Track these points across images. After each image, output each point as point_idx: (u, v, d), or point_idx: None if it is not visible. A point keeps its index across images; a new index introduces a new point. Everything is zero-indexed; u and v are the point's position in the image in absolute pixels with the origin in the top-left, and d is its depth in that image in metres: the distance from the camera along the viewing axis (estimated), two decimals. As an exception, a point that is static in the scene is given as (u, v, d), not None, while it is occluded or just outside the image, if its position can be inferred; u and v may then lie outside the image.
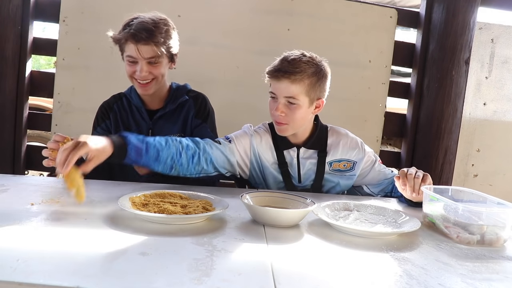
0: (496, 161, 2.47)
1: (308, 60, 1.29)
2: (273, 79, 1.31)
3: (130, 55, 1.38)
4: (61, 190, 1.13)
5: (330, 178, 1.41)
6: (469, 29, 2.19)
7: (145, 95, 1.47)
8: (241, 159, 1.37)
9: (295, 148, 1.39)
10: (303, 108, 1.30)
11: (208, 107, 1.56)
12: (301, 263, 0.77)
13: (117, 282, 0.61)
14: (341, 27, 2.26)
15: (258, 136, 1.40)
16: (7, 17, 2.03)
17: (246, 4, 2.21)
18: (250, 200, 1.04)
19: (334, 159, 1.40)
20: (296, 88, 1.27)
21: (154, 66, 1.40)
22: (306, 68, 1.27)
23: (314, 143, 1.40)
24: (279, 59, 1.32)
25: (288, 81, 1.27)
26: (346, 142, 1.42)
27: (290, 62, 1.28)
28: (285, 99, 1.29)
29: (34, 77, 2.19)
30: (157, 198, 1.03)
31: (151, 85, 1.42)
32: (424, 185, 1.17)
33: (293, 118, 1.30)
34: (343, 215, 1.07)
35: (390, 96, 2.35)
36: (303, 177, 1.40)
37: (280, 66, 1.29)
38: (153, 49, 1.36)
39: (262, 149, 1.39)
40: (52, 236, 0.78)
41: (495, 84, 2.43)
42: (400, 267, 0.78)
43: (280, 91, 1.29)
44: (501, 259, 0.89)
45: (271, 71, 1.31)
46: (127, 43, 1.38)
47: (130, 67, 1.40)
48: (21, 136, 2.17)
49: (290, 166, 1.39)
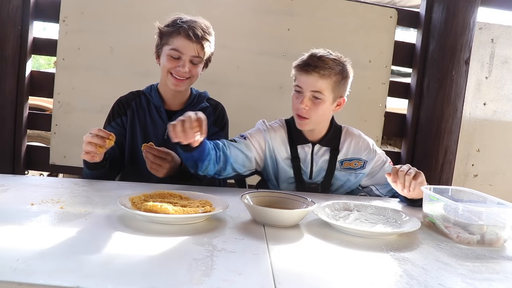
0: (496, 161, 2.47)
1: (335, 58, 1.35)
2: (301, 73, 1.34)
3: (178, 48, 1.39)
4: (61, 190, 1.13)
5: (339, 176, 1.44)
6: (469, 29, 2.19)
7: (175, 92, 1.47)
8: (257, 154, 1.41)
9: (310, 144, 1.42)
10: (326, 104, 1.34)
11: (226, 117, 1.59)
12: (301, 263, 0.76)
13: (117, 282, 0.61)
14: (341, 27, 2.26)
15: (272, 131, 1.44)
16: (7, 17, 2.04)
17: (246, 4, 2.21)
18: (250, 200, 1.04)
19: (345, 157, 1.43)
20: (323, 83, 1.32)
21: (194, 65, 1.43)
22: (333, 66, 1.32)
23: (328, 141, 1.43)
24: (307, 54, 1.37)
25: (317, 75, 1.31)
26: (358, 142, 1.45)
27: (320, 58, 1.33)
28: (311, 93, 1.33)
29: (34, 77, 2.19)
30: (157, 198, 1.03)
31: (185, 83, 1.44)
32: (415, 182, 1.18)
33: (316, 113, 1.34)
34: (343, 215, 1.07)
35: (390, 96, 2.36)
36: (315, 174, 1.43)
37: (310, 61, 1.33)
38: (201, 49, 1.41)
39: (276, 144, 1.42)
40: (52, 236, 0.78)
41: (495, 84, 2.43)
42: (400, 267, 0.78)
43: (307, 85, 1.33)
44: (501, 259, 0.89)
45: (300, 65, 1.35)
46: (177, 37, 1.39)
47: (171, 62, 1.41)
48: (21, 136, 2.17)
49: (303, 161, 1.42)
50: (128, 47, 2.14)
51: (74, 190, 1.14)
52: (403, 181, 1.19)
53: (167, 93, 1.50)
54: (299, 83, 1.35)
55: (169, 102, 1.52)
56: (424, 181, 1.20)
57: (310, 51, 1.37)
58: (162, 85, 1.51)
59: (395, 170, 1.21)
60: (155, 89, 1.52)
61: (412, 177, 1.18)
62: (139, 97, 1.53)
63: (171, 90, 1.46)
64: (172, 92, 1.48)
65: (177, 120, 1.10)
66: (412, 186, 1.18)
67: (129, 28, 2.12)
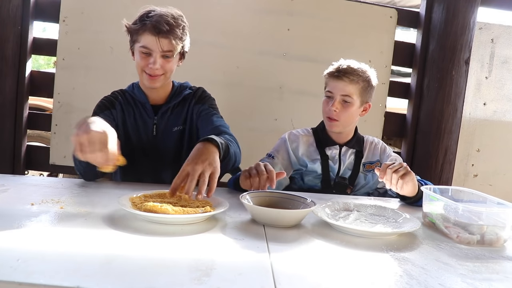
0: (496, 161, 2.47)
1: (362, 67, 1.49)
2: (333, 79, 1.48)
3: (146, 46, 1.36)
4: (61, 190, 1.13)
5: (362, 177, 1.54)
6: (469, 29, 2.19)
7: (152, 89, 1.45)
8: (284, 167, 1.50)
9: (337, 146, 1.54)
10: (354, 107, 1.48)
11: (206, 94, 1.55)
12: (301, 263, 0.76)
13: (117, 282, 0.61)
14: (341, 27, 2.26)
15: (295, 140, 1.55)
16: (7, 17, 2.04)
17: (246, 4, 2.21)
18: (250, 200, 1.04)
19: (367, 160, 1.55)
20: (352, 88, 1.46)
21: (166, 60, 1.39)
22: (361, 73, 1.47)
23: (354, 144, 1.56)
24: (336, 63, 1.51)
25: (348, 80, 1.45)
26: (377, 147, 1.59)
27: (349, 65, 1.48)
28: (341, 97, 1.46)
29: (34, 77, 2.19)
30: (157, 198, 1.03)
31: (159, 79, 1.41)
32: (402, 181, 1.18)
33: (345, 115, 1.47)
34: (343, 215, 1.07)
35: (390, 96, 2.36)
36: (342, 173, 1.53)
37: (341, 68, 1.47)
38: (171, 43, 1.36)
39: (301, 150, 1.52)
40: (52, 236, 0.78)
41: (495, 84, 2.43)
42: (400, 267, 0.78)
43: (338, 89, 1.46)
44: (501, 259, 0.89)
45: (331, 72, 1.49)
46: (144, 34, 1.35)
47: (143, 60, 1.38)
48: (21, 136, 2.17)
49: (331, 159, 1.53)
50: (128, 47, 2.13)
51: (74, 190, 1.14)
52: (390, 178, 1.20)
53: (148, 90, 1.47)
54: (330, 88, 1.49)
55: (152, 98, 1.49)
56: (412, 181, 1.20)
57: (340, 60, 1.51)
58: (141, 83, 1.49)
59: (385, 167, 1.22)
60: (137, 86, 1.49)
61: (400, 176, 1.18)
62: (124, 95, 1.50)
63: (147, 87, 1.44)
64: (150, 89, 1.46)
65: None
66: (399, 185, 1.19)
67: (129, 28, 2.12)
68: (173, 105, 1.48)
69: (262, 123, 2.27)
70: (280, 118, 2.28)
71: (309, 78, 2.25)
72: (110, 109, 1.45)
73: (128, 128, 1.46)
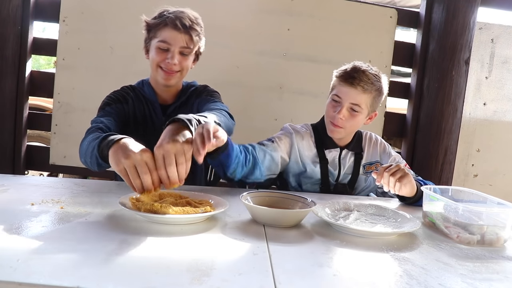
0: (496, 161, 2.47)
1: (375, 74, 1.39)
2: (344, 84, 1.37)
3: (166, 40, 1.35)
4: (61, 190, 1.13)
5: (362, 179, 1.50)
6: (469, 29, 2.19)
7: (164, 86, 1.44)
8: (283, 156, 1.43)
9: (338, 148, 1.48)
10: (361, 117, 1.41)
11: (208, 88, 1.55)
12: (301, 263, 0.76)
13: (117, 282, 0.61)
14: (341, 27, 2.26)
15: (299, 134, 1.47)
16: (7, 17, 2.04)
17: (246, 4, 2.21)
18: (250, 200, 1.04)
19: (366, 161, 1.50)
20: (364, 97, 1.37)
21: (184, 57, 1.39)
22: (375, 81, 1.38)
23: (354, 146, 1.50)
24: (349, 66, 1.40)
25: (361, 89, 1.36)
26: (376, 145, 1.53)
27: (364, 72, 1.36)
28: (350, 105, 1.38)
29: (34, 77, 2.19)
30: (157, 198, 1.02)
31: (175, 76, 1.40)
32: (399, 184, 1.18)
33: (351, 124, 1.40)
34: (343, 215, 1.07)
35: (390, 96, 2.35)
36: (341, 177, 1.48)
37: (355, 74, 1.36)
38: (190, 39, 1.36)
39: (303, 146, 1.46)
40: (52, 236, 0.78)
41: (495, 84, 2.43)
42: (400, 267, 0.78)
43: (348, 97, 1.37)
44: (501, 259, 0.89)
45: (344, 76, 1.38)
46: (165, 29, 1.35)
47: (159, 55, 1.37)
48: (21, 136, 2.17)
49: (330, 164, 1.47)
50: (128, 47, 2.14)
51: (74, 190, 1.14)
52: (387, 181, 1.19)
53: (159, 88, 1.46)
54: (339, 93, 1.39)
55: (161, 97, 1.48)
56: (409, 183, 1.19)
57: (352, 63, 1.40)
58: (152, 81, 1.48)
59: (382, 170, 1.22)
60: (147, 84, 1.48)
61: (398, 178, 1.18)
62: (133, 90, 1.49)
63: (161, 85, 1.43)
64: (163, 87, 1.45)
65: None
66: (397, 187, 1.19)
67: (129, 28, 2.11)
68: (179, 104, 1.48)
69: (262, 123, 2.27)
70: (280, 118, 2.28)
71: (309, 78, 2.25)
72: (122, 103, 1.43)
73: (139, 126, 1.45)
